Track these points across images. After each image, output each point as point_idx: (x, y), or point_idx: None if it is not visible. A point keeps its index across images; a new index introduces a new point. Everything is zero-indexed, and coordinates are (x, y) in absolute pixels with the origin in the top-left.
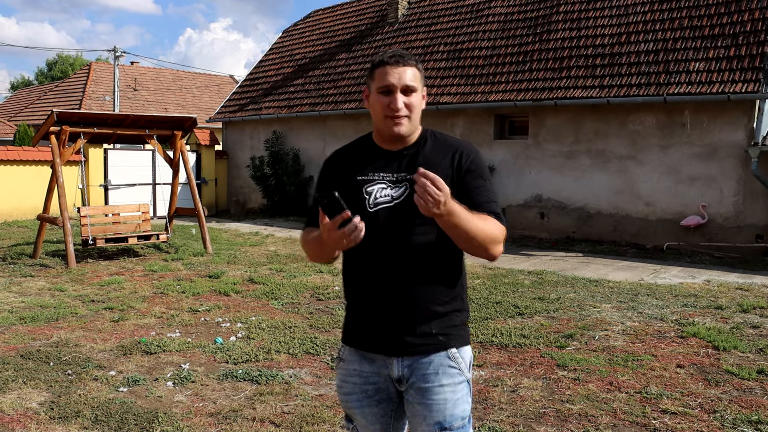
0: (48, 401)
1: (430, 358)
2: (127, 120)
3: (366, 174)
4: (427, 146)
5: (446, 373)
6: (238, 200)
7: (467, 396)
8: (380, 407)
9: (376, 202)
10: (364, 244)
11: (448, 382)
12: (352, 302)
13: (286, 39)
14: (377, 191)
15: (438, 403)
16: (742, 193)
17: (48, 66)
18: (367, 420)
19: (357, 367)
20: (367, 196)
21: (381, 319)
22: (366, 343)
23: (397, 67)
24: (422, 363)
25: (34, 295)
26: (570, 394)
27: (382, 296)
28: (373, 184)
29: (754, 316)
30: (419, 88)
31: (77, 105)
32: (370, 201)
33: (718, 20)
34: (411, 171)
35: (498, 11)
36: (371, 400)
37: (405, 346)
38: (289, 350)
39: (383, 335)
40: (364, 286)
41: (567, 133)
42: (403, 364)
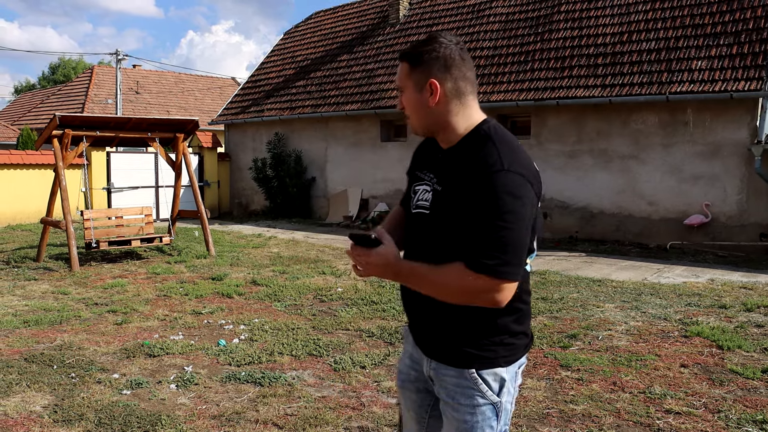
0: (51, 404)
1: (449, 370)
2: (129, 123)
3: (422, 170)
4: (459, 151)
5: (463, 393)
6: (241, 202)
7: (491, 421)
8: (418, 396)
9: (417, 203)
10: (406, 242)
11: (466, 403)
12: (401, 294)
13: (288, 40)
14: (420, 193)
15: (456, 420)
16: (746, 192)
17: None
18: (405, 402)
19: (410, 349)
20: (413, 196)
21: (412, 318)
22: (412, 331)
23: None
24: (443, 373)
25: (38, 299)
26: (573, 394)
27: (412, 299)
28: (420, 183)
29: (759, 315)
30: (406, 85)
31: (80, 108)
32: (413, 201)
33: (720, 18)
34: (440, 178)
35: (499, 11)
36: (412, 385)
37: (429, 349)
38: (292, 352)
39: (416, 332)
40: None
41: (569, 132)
42: (430, 365)
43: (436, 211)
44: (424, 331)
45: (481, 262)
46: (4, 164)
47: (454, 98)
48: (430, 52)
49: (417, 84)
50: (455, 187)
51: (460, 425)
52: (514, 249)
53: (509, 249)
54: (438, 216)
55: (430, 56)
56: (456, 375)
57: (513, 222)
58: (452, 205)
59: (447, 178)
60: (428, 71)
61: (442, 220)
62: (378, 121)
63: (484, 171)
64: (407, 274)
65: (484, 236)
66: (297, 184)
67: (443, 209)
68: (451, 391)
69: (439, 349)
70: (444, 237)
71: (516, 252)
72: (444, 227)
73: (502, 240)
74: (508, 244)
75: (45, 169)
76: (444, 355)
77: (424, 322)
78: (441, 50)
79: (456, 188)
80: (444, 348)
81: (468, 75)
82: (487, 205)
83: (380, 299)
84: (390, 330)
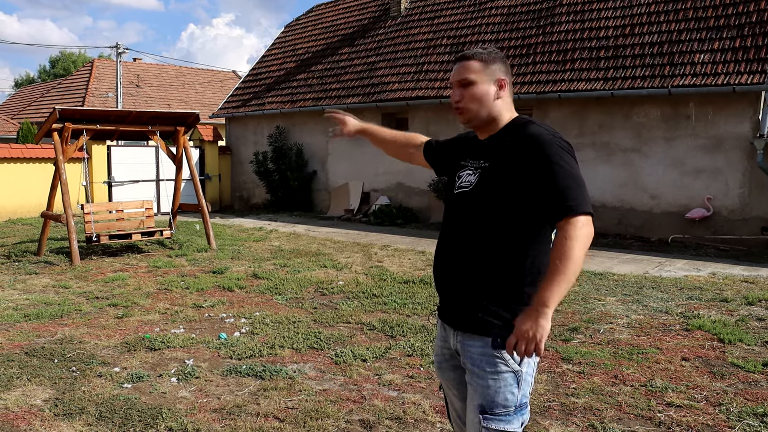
0: (52, 398)
1: (475, 341)
2: (129, 116)
3: (465, 159)
4: (504, 135)
5: (489, 361)
6: (242, 196)
7: (512, 387)
8: (456, 373)
9: (460, 186)
10: (446, 222)
11: (490, 370)
12: (433, 272)
13: (289, 34)
14: (464, 176)
15: (481, 386)
16: (748, 186)
17: (51, 63)
18: (445, 383)
19: (440, 330)
20: (457, 180)
21: (445, 292)
22: (440, 311)
23: (458, 64)
24: (469, 344)
25: (39, 293)
26: (575, 387)
27: (447, 272)
28: (463, 170)
29: (760, 309)
30: (482, 79)
31: (80, 102)
32: (456, 184)
33: (723, 11)
34: (488, 159)
35: (501, 4)
36: (447, 364)
37: (457, 321)
38: (293, 345)
39: (445, 306)
40: (439, 259)
41: (571, 125)
42: (456, 338)
43: (482, 185)
44: (454, 305)
45: (571, 206)
46: (4, 158)
47: (508, 96)
48: (499, 56)
49: (490, 79)
50: (506, 160)
51: (484, 390)
52: (586, 191)
53: (582, 189)
54: (484, 190)
55: (500, 58)
56: (482, 345)
57: (576, 171)
58: (501, 176)
59: (495, 156)
60: (498, 70)
61: (488, 193)
62: (379, 114)
63: (537, 140)
64: (555, 293)
65: (559, 187)
66: (298, 178)
67: (491, 182)
68: (476, 360)
69: (467, 320)
70: (487, 207)
71: (587, 193)
72: (489, 198)
73: (574, 185)
74: (580, 185)
75: (45, 162)
76: (471, 325)
77: (454, 295)
78: (502, 55)
79: (507, 161)
80: (472, 318)
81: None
82: (549, 163)
83: (381, 292)
84: (391, 323)
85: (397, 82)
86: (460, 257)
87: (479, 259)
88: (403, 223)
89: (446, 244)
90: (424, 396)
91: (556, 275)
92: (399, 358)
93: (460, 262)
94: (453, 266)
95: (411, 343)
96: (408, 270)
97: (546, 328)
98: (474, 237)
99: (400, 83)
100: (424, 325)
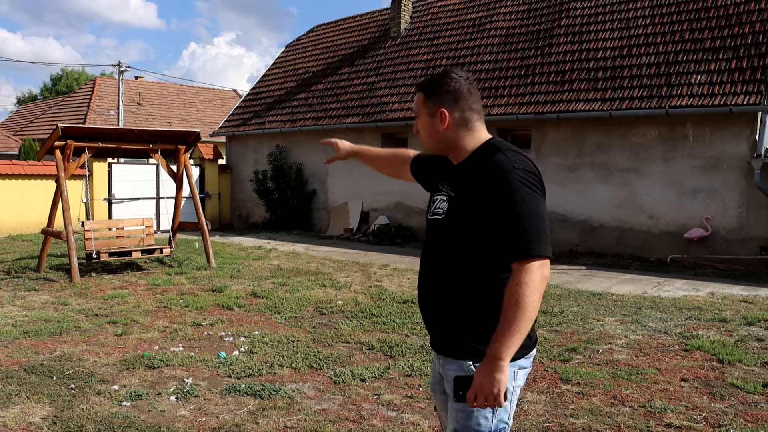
0: (51, 415)
1: (452, 365)
2: (131, 134)
3: (441, 182)
4: (469, 164)
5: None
6: (242, 214)
7: (486, 412)
8: (444, 396)
9: (433, 212)
10: (424, 247)
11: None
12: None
13: (289, 53)
14: (438, 202)
15: (453, 410)
16: (746, 205)
17: (53, 81)
18: (437, 405)
19: (434, 355)
20: (432, 205)
21: (424, 314)
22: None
23: (416, 96)
24: (448, 368)
25: (38, 309)
26: (574, 408)
27: (424, 296)
28: (438, 193)
29: (759, 329)
30: (421, 112)
31: (82, 119)
32: (430, 210)
33: (719, 33)
34: (454, 187)
35: (500, 25)
36: (438, 387)
37: (437, 344)
38: (292, 365)
39: (428, 329)
40: (419, 282)
41: (569, 146)
42: (439, 362)
43: (451, 214)
44: (433, 328)
45: (525, 249)
46: (5, 174)
47: (462, 126)
48: (442, 86)
49: (430, 112)
50: (469, 191)
51: (457, 414)
52: (544, 230)
53: (540, 229)
54: (452, 219)
55: (442, 89)
56: (456, 368)
57: (535, 207)
58: (466, 206)
59: (461, 185)
60: (439, 102)
61: (456, 222)
62: (379, 134)
63: (497, 172)
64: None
65: (515, 228)
66: (298, 197)
67: (457, 212)
68: (452, 383)
69: (445, 343)
70: (456, 236)
71: (545, 232)
72: (457, 227)
73: (532, 224)
74: (538, 225)
75: (46, 179)
76: (449, 349)
77: (434, 319)
78: (452, 84)
79: (470, 192)
80: (449, 342)
81: (474, 106)
82: (507, 200)
83: (380, 312)
84: (390, 343)
85: (396, 102)
86: (435, 283)
87: (452, 286)
88: (403, 243)
89: (424, 270)
90: (423, 416)
91: (508, 325)
92: (398, 378)
93: (435, 287)
94: (430, 291)
95: (410, 363)
96: (407, 290)
97: (503, 381)
98: (446, 264)
99: (400, 103)
100: (423, 345)
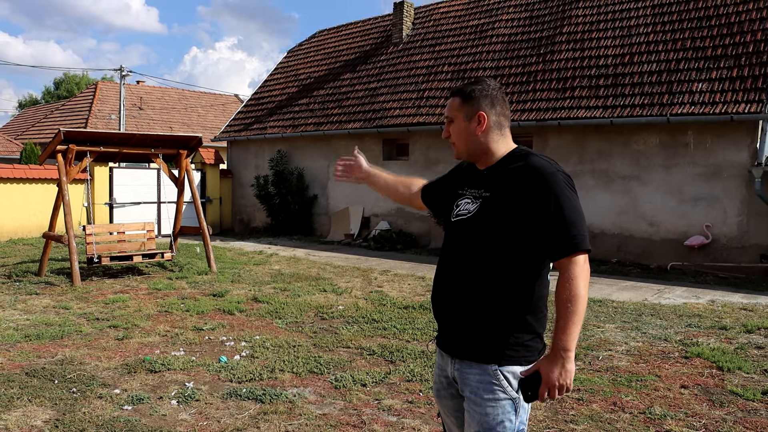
0: (53, 419)
1: (473, 368)
2: (133, 139)
3: (463, 188)
4: (505, 166)
5: (487, 388)
6: (243, 219)
7: (510, 414)
8: (453, 401)
9: (458, 214)
10: (444, 250)
11: (489, 397)
12: (431, 300)
13: (291, 59)
14: (462, 205)
15: (478, 414)
16: (746, 213)
17: (55, 85)
18: (443, 410)
19: (438, 358)
20: (455, 208)
21: (442, 319)
22: (438, 338)
23: (449, 101)
24: (467, 372)
25: (39, 313)
26: (574, 414)
27: (445, 299)
28: (462, 198)
29: (759, 337)
30: (458, 116)
31: (83, 124)
32: (454, 212)
33: (720, 41)
34: (489, 189)
35: (502, 32)
36: (445, 392)
37: (456, 348)
38: (293, 369)
39: (444, 334)
40: (437, 286)
41: (571, 153)
42: (454, 366)
43: (483, 214)
44: (452, 332)
45: (574, 244)
46: (7, 178)
47: (496, 130)
48: (479, 90)
49: (467, 115)
50: (508, 191)
51: (482, 418)
52: (585, 226)
53: (584, 225)
54: (484, 219)
55: (480, 93)
56: (479, 372)
57: (577, 206)
58: (503, 206)
59: (496, 187)
60: (478, 105)
61: (490, 222)
62: (380, 140)
63: (541, 174)
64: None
65: (563, 223)
66: (299, 202)
67: (492, 212)
68: (474, 387)
69: (465, 347)
70: (488, 236)
71: (586, 229)
72: (490, 227)
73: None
74: (582, 221)
75: (48, 183)
76: (470, 353)
77: (454, 322)
78: (488, 90)
79: (509, 192)
80: (471, 346)
81: (506, 113)
82: (553, 198)
83: (381, 317)
84: (391, 348)
85: (398, 108)
86: (460, 285)
87: (480, 287)
88: (403, 249)
89: (445, 272)
90: (424, 421)
91: (570, 317)
92: (399, 383)
93: (459, 289)
94: (452, 294)
95: (410, 368)
96: (408, 295)
97: (572, 372)
98: (474, 265)
99: (402, 109)
100: (424, 350)
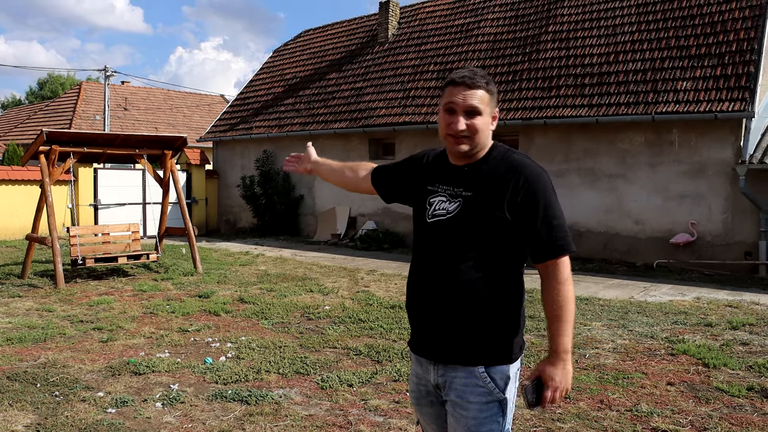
0: (34, 423)
1: (458, 372)
2: (117, 140)
3: (433, 184)
4: (488, 164)
5: (473, 391)
6: (229, 220)
7: (498, 416)
8: (434, 409)
9: (434, 213)
10: (419, 251)
11: (475, 400)
12: (407, 305)
13: (277, 58)
14: (437, 203)
15: (465, 417)
16: (731, 211)
17: (39, 85)
18: (424, 419)
19: (414, 367)
20: (428, 207)
21: (422, 323)
22: (415, 345)
23: (465, 90)
24: (452, 376)
25: (22, 316)
26: (561, 412)
27: (425, 303)
28: (435, 195)
29: (744, 333)
30: (487, 110)
31: (68, 124)
32: (429, 212)
33: (704, 40)
34: (468, 187)
35: (487, 31)
36: (425, 400)
37: (438, 354)
38: (279, 370)
39: (424, 340)
40: (414, 290)
41: (556, 151)
42: (438, 372)
43: (465, 214)
44: (436, 337)
45: (561, 246)
46: None
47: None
48: (494, 87)
49: (491, 110)
50: (492, 190)
51: (469, 422)
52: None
53: (566, 227)
54: (466, 218)
55: (496, 90)
56: (465, 375)
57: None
58: (488, 206)
59: (479, 185)
60: (495, 102)
61: (474, 222)
62: (366, 140)
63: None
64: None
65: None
66: (285, 202)
67: (475, 210)
68: (460, 391)
69: (450, 351)
70: (473, 236)
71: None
72: (474, 227)
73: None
74: (565, 223)
75: (31, 185)
76: (456, 357)
77: (436, 326)
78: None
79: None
80: (456, 349)
81: None
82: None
83: (368, 317)
84: (377, 348)
85: (384, 107)
86: (443, 288)
87: (465, 289)
88: (390, 248)
89: (424, 275)
90: (410, 421)
91: (564, 320)
92: (385, 384)
93: (442, 292)
94: (434, 297)
95: (397, 368)
96: (394, 295)
97: (571, 372)
98: (457, 267)
99: (387, 108)
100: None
